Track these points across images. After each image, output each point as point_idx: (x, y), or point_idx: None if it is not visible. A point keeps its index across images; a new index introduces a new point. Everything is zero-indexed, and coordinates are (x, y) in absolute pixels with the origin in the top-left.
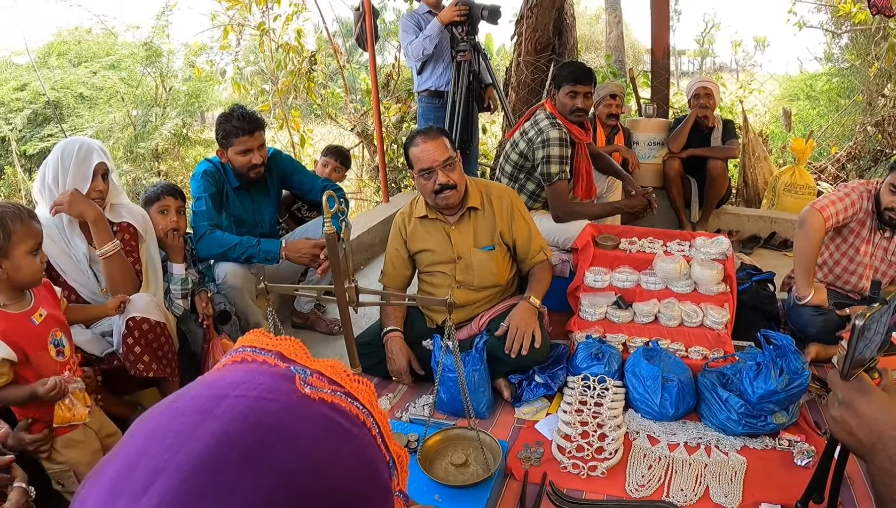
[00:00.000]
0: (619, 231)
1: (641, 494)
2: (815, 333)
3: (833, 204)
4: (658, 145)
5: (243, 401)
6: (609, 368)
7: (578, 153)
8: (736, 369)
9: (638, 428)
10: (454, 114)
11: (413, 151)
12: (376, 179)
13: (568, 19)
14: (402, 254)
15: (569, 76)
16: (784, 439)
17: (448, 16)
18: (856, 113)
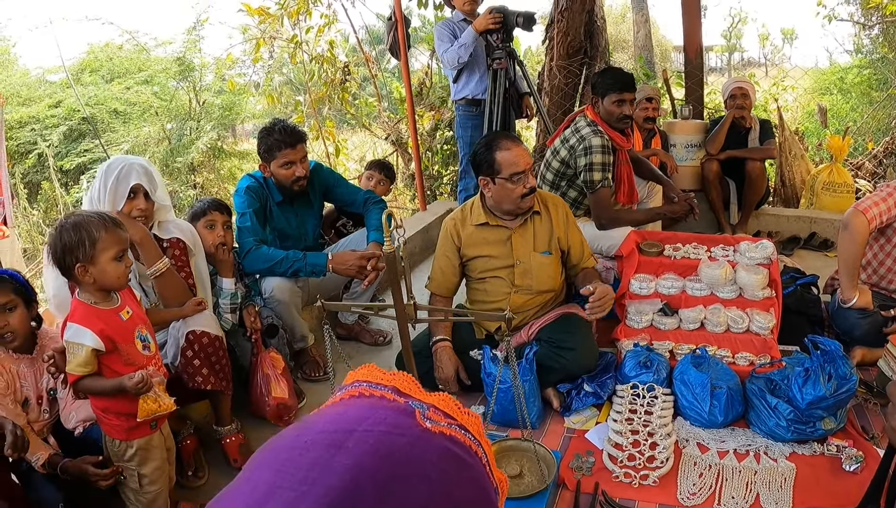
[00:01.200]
0: (663, 237)
1: (693, 502)
2: (860, 335)
3: (876, 205)
4: (695, 147)
5: (372, 436)
6: (657, 376)
7: (620, 159)
8: (784, 374)
9: (687, 436)
10: (492, 122)
11: (504, 155)
12: (411, 187)
13: (598, 22)
14: (454, 261)
15: (614, 84)
16: (832, 444)
17: (483, 24)
18: (890, 107)
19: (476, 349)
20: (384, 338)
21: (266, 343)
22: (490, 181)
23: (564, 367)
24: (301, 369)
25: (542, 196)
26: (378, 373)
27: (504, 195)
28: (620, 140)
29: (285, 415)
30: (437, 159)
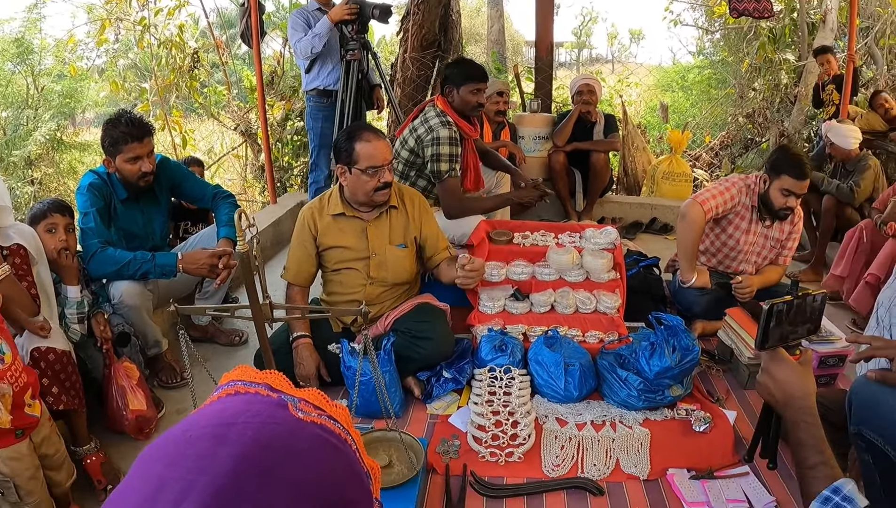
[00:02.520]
0: (512, 226)
1: (558, 473)
2: (699, 311)
3: (714, 197)
4: (543, 140)
5: (251, 427)
6: (513, 358)
7: (466, 148)
8: (631, 349)
9: (546, 412)
10: (343, 113)
11: (363, 147)
12: (261, 180)
13: (454, 15)
14: (310, 250)
15: (472, 74)
16: (682, 409)
17: (338, 14)
18: (727, 105)
19: (334, 344)
20: (240, 338)
21: (118, 353)
22: (347, 171)
23: (422, 356)
24: (157, 376)
25: (399, 189)
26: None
27: (359, 187)
28: (468, 129)
29: (146, 427)
30: (288, 151)
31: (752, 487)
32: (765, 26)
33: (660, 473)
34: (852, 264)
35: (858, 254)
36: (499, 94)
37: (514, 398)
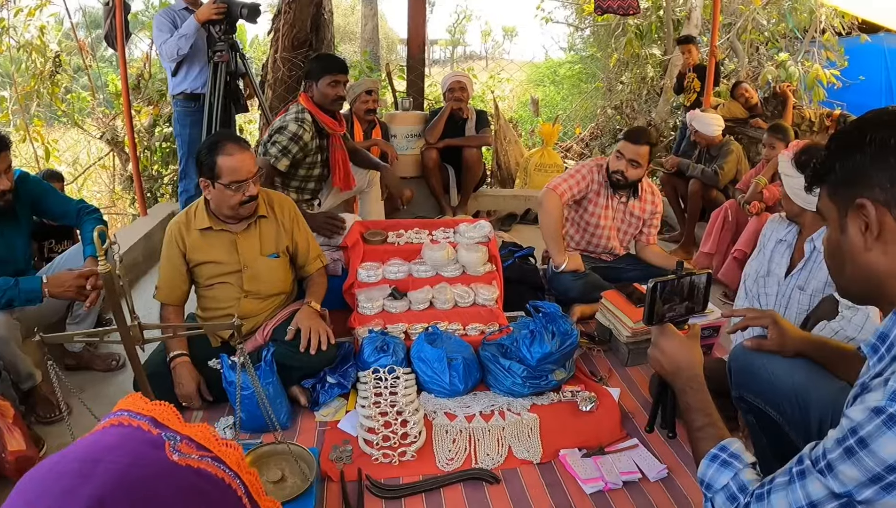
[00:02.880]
0: (386, 225)
1: (452, 467)
2: (576, 295)
3: (565, 182)
4: (416, 137)
5: (116, 467)
6: (396, 357)
7: (333, 144)
8: (512, 338)
9: (434, 408)
10: (212, 118)
11: (225, 161)
12: (130, 190)
13: (326, 14)
14: (180, 268)
15: (330, 66)
16: (567, 391)
17: (205, 14)
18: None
19: (214, 359)
20: (117, 362)
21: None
22: (210, 184)
23: (305, 363)
24: (34, 411)
25: (269, 196)
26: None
27: (223, 200)
28: (332, 124)
29: (28, 468)
30: (157, 159)
31: (643, 457)
32: (632, 23)
33: (552, 455)
34: (719, 241)
35: (725, 232)
36: (367, 92)
37: (400, 397)
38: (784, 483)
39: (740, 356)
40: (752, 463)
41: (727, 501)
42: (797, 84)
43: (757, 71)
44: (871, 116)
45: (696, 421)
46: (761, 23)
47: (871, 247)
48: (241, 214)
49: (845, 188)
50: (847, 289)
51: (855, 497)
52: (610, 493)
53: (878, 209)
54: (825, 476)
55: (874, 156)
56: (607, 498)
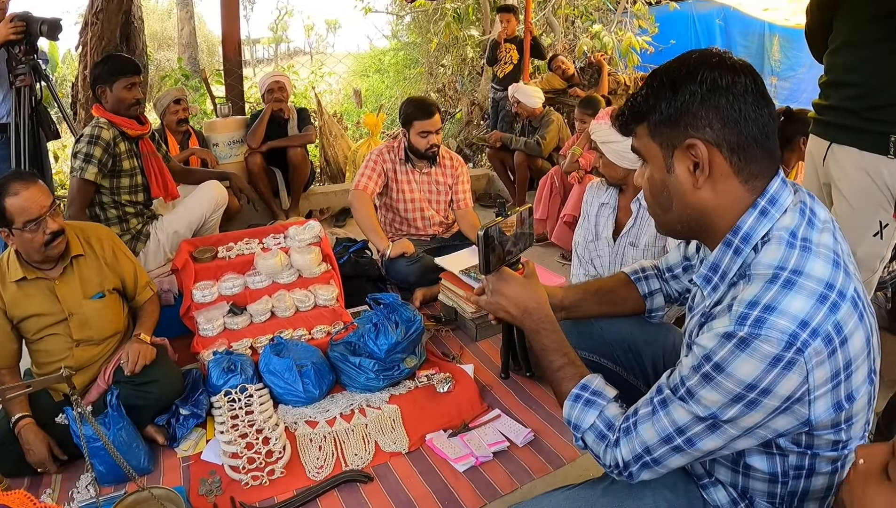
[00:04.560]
0: (215, 240)
1: (324, 474)
2: (415, 280)
3: (363, 176)
4: (238, 143)
5: None
6: (245, 375)
7: (144, 151)
8: (359, 334)
9: (294, 419)
10: (19, 148)
11: (13, 202)
12: None
13: (136, 22)
14: (5, 327)
15: (123, 68)
16: (422, 376)
17: (1, 35)
18: (420, 82)
19: (60, 415)
20: None
21: None
22: (9, 233)
23: (153, 400)
24: None
25: (83, 231)
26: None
27: (27, 246)
28: (136, 127)
29: None
30: None
31: (508, 426)
32: (450, 7)
33: (419, 442)
34: (549, 206)
35: (553, 197)
36: (176, 102)
37: (257, 415)
38: (648, 414)
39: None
40: (614, 397)
41: (597, 440)
42: (612, 52)
43: (573, 43)
44: (697, 56)
45: (555, 362)
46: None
47: (701, 186)
48: (51, 255)
49: (671, 127)
50: (671, 226)
51: (720, 418)
52: (482, 466)
53: (709, 149)
54: (687, 403)
55: (705, 96)
56: (481, 472)
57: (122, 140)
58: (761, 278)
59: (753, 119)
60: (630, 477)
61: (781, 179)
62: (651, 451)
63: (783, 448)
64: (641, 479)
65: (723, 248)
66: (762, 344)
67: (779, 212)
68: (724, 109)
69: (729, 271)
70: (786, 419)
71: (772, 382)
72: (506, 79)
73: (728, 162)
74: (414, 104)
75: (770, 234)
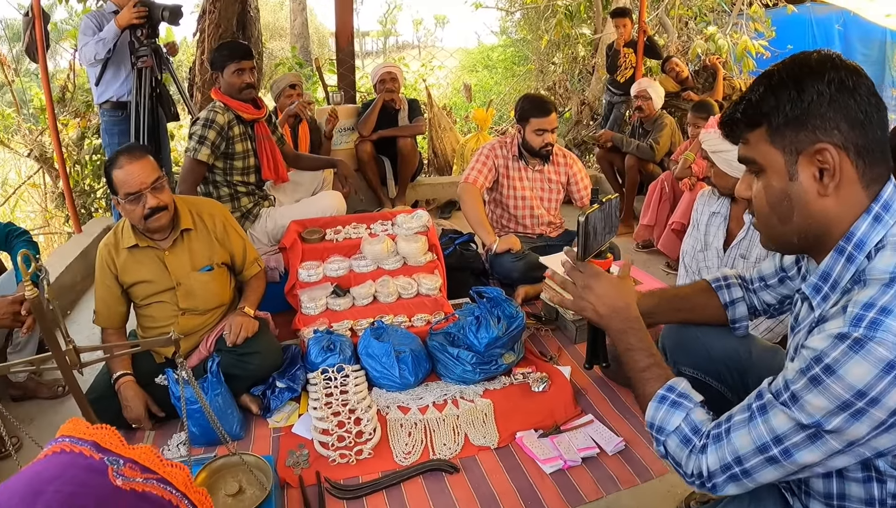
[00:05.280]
0: (323, 223)
1: (410, 460)
2: (518, 277)
3: (473, 169)
4: (349, 131)
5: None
6: (343, 355)
7: (259, 135)
8: (459, 326)
9: (387, 403)
10: (139, 126)
11: (117, 175)
12: (64, 208)
13: (252, 12)
14: (115, 291)
15: (232, 54)
16: (518, 373)
17: (125, 18)
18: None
19: (161, 376)
20: (63, 388)
21: None
22: (118, 202)
23: (252, 370)
24: None
25: (197, 206)
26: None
27: (129, 216)
28: (251, 111)
29: None
30: (88, 172)
31: (600, 432)
32: (561, 4)
33: (509, 439)
34: (658, 213)
35: (663, 203)
36: (291, 86)
37: (351, 395)
38: (744, 420)
39: (673, 332)
40: (701, 402)
41: (681, 444)
42: (727, 56)
43: (687, 45)
44: (816, 55)
45: (640, 362)
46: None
47: (828, 193)
48: (150, 227)
49: (796, 131)
50: (786, 239)
51: (823, 427)
52: (570, 471)
53: (838, 154)
54: (790, 408)
55: (833, 96)
56: (567, 476)
57: (237, 124)
58: (878, 282)
59: (877, 122)
60: (713, 490)
61: (894, 184)
62: (742, 461)
63: (882, 472)
64: (726, 493)
65: (834, 256)
66: (877, 347)
67: (893, 218)
68: (852, 111)
69: (841, 279)
70: (891, 436)
71: (882, 391)
72: (626, 83)
73: (854, 167)
74: (531, 101)
75: (885, 240)
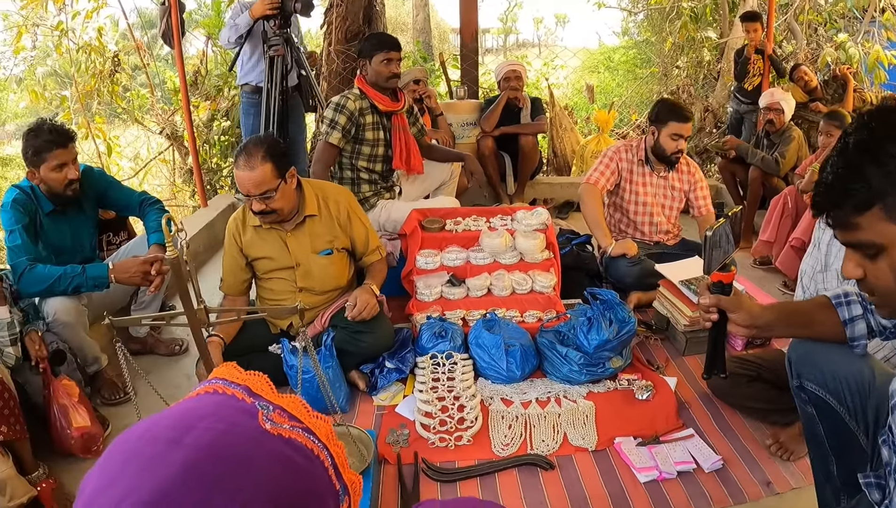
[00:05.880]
0: (444, 213)
1: (508, 452)
2: (632, 282)
3: (596, 170)
4: (471, 126)
5: (210, 433)
6: (453, 343)
7: (395, 124)
8: (570, 325)
9: (491, 394)
10: (270, 111)
11: (237, 175)
12: (190, 183)
13: (378, 6)
14: (240, 261)
15: (382, 44)
16: (623, 379)
17: (259, 10)
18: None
19: (275, 344)
20: (180, 346)
21: (55, 371)
22: None
23: (364, 349)
24: (99, 393)
25: (323, 191)
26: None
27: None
28: (387, 103)
29: (92, 445)
30: (216, 152)
31: (699, 448)
32: (686, 6)
33: (607, 443)
34: (779, 229)
35: (784, 219)
36: (415, 81)
37: (457, 382)
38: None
39: (800, 346)
40: None
41: None
42: (857, 66)
43: (816, 53)
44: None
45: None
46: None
47: None
48: (265, 222)
49: None
50: None
51: None
52: (664, 483)
53: None
54: None
55: None
56: (661, 488)
57: (371, 113)
58: None
59: None
60: None
61: None
62: None
63: None
64: None
65: None
66: None
67: None
68: None
69: None
70: None
71: None
72: (754, 91)
73: None
74: (670, 105)
75: None
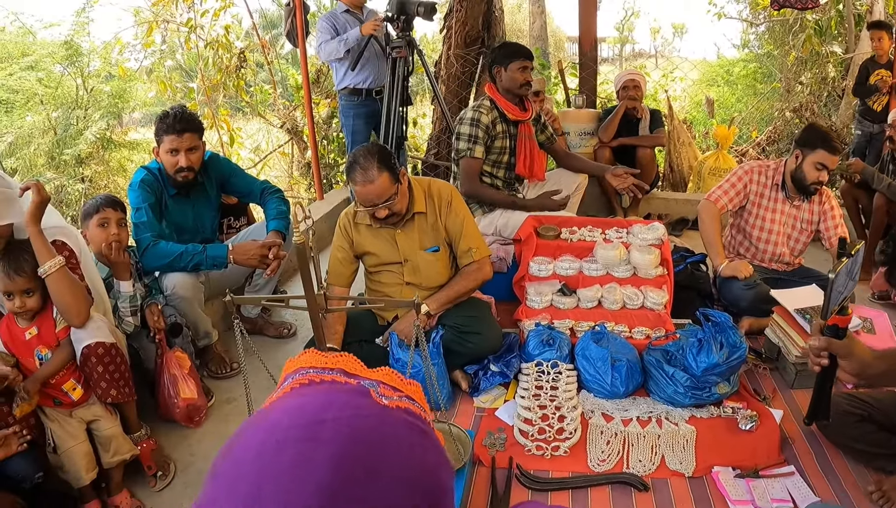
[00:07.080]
0: (560, 222)
1: (603, 468)
2: (746, 306)
3: (720, 188)
4: (588, 135)
5: (342, 422)
6: (560, 352)
7: (521, 132)
8: (678, 345)
9: (592, 407)
10: (390, 112)
11: (355, 188)
12: (307, 176)
13: (496, 12)
14: (349, 256)
15: (518, 52)
16: (728, 407)
17: (368, 29)
18: (774, 99)
19: (381, 337)
20: (289, 330)
21: (170, 343)
22: None
23: (470, 350)
24: (206, 366)
25: (428, 188)
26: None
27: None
28: (516, 112)
29: (195, 416)
30: (333, 148)
31: (798, 487)
32: (810, 18)
33: (705, 471)
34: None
35: None
36: (535, 94)
37: (560, 392)
38: None
39: None
40: None
41: None
42: None
43: None
44: None
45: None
46: None
47: None
48: (384, 226)
49: None
50: None
51: None
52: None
53: None
54: None
55: None
56: None
57: (501, 122)
58: None
59: None
60: None
61: None
62: None
63: None
64: None
65: None
66: None
67: None
68: None
69: None
70: None
71: None
72: (883, 111)
73: None
74: (822, 133)
75: None
